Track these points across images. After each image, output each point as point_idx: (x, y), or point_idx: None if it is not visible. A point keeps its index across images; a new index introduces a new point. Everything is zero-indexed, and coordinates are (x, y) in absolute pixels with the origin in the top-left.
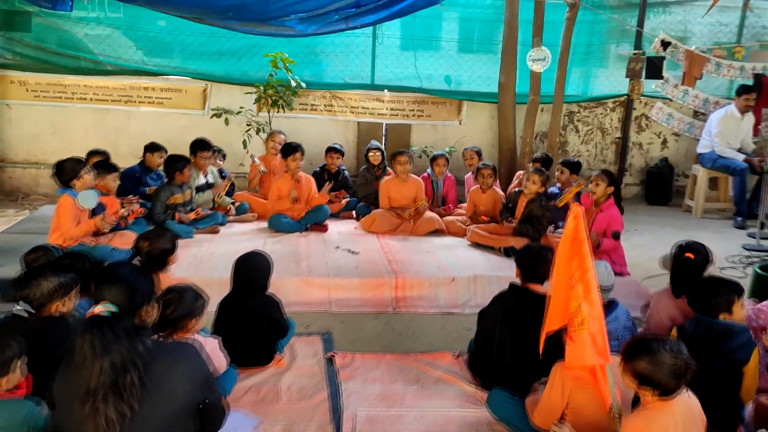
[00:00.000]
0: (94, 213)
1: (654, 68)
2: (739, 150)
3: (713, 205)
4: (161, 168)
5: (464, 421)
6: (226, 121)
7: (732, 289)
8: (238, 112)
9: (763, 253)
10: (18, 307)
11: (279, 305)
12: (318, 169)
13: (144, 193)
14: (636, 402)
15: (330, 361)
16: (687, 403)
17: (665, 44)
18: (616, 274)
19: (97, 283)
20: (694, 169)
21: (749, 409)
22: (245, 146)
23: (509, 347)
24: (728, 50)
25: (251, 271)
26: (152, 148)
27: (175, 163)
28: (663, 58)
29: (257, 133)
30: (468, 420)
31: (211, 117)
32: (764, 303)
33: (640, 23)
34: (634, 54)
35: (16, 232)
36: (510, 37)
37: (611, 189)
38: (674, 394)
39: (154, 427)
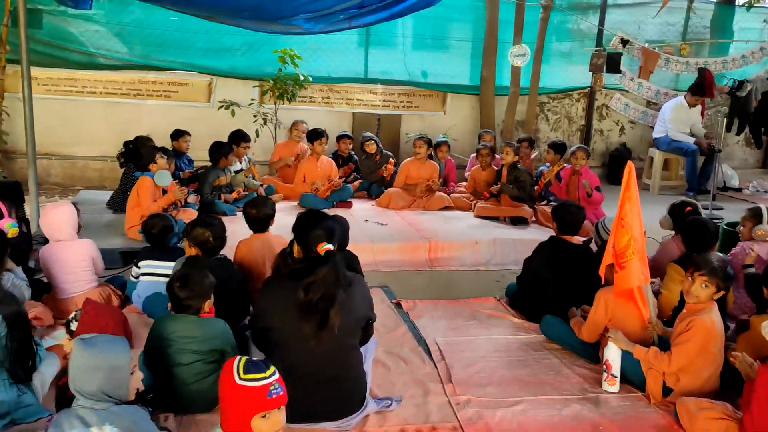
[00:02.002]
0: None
1: (613, 63)
2: (690, 134)
3: (667, 183)
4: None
5: (521, 342)
6: (233, 113)
7: (714, 228)
8: (250, 104)
9: (716, 221)
10: (136, 269)
11: (357, 259)
12: (331, 155)
13: (179, 177)
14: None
15: (398, 306)
16: None
17: (624, 42)
18: None
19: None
20: (650, 151)
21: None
22: (258, 135)
23: (552, 285)
24: (675, 47)
25: (343, 228)
26: (177, 134)
27: (221, 149)
28: (621, 54)
29: (264, 123)
30: (524, 341)
31: (218, 109)
32: (734, 249)
33: (602, 23)
34: (596, 50)
35: None
36: (491, 36)
37: (588, 160)
38: None
39: (346, 331)
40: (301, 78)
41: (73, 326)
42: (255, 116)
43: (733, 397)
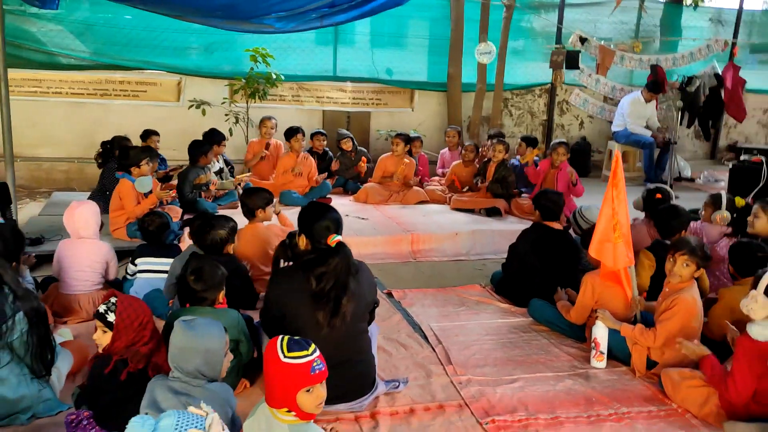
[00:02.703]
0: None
1: (572, 60)
2: (646, 127)
3: (626, 174)
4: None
5: (511, 326)
6: (203, 112)
7: (686, 214)
8: (223, 103)
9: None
10: (132, 266)
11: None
12: (305, 151)
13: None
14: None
15: (389, 295)
16: None
17: (582, 40)
18: None
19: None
20: (609, 144)
21: None
22: (231, 134)
23: (538, 270)
24: (629, 45)
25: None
26: (146, 135)
27: (201, 148)
28: (579, 51)
29: (236, 122)
30: (513, 324)
31: (189, 108)
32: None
33: (560, 21)
34: (556, 48)
35: (46, 214)
36: (456, 33)
37: (568, 155)
38: None
39: (357, 317)
40: (273, 77)
41: (111, 317)
42: (227, 115)
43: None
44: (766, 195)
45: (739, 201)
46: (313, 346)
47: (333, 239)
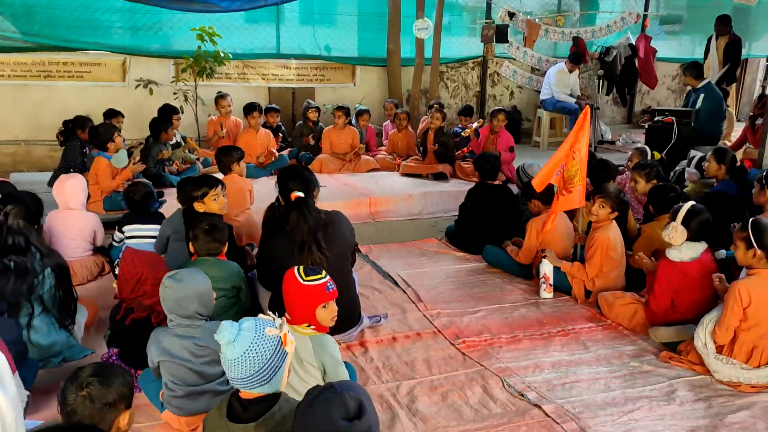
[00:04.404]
0: None
1: (502, 34)
2: (570, 95)
3: (554, 140)
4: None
5: (468, 270)
6: (151, 91)
7: (614, 167)
8: (172, 82)
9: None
10: (119, 234)
11: None
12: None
13: None
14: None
15: (357, 251)
16: None
17: (510, 15)
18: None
19: (297, 179)
20: (538, 112)
21: None
22: (182, 112)
23: (486, 221)
24: (552, 19)
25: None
26: (112, 114)
27: (161, 124)
28: (508, 26)
29: (186, 101)
30: (470, 269)
31: (136, 87)
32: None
33: None
34: (486, 23)
35: None
36: (395, 10)
37: (506, 122)
38: None
39: (336, 263)
40: (221, 55)
41: (117, 271)
42: (175, 94)
43: (635, 290)
44: (678, 150)
45: (657, 154)
46: (324, 271)
47: (294, 194)
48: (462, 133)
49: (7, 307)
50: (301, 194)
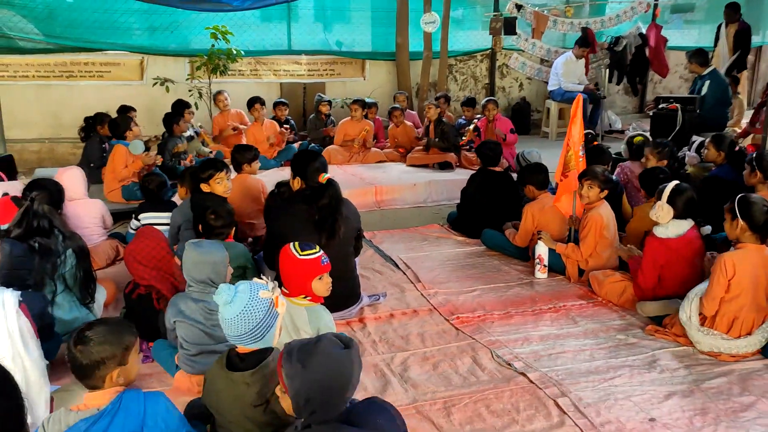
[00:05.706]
0: None
1: (510, 26)
2: (578, 84)
3: (562, 129)
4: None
5: (467, 253)
6: (167, 89)
7: (608, 152)
8: (187, 79)
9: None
10: (135, 222)
11: None
12: (270, 119)
13: None
14: None
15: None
16: None
17: (518, 6)
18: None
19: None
20: (547, 103)
21: None
22: (197, 108)
23: (486, 206)
24: (561, 10)
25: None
26: (125, 110)
27: (173, 118)
28: (516, 18)
29: (200, 97)
30: (469, 252)
31: (153, 86)
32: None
33: None
34: (495, 15)
35: None
36: (403, 5)
37: (498, 109)
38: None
39: (346, 240)
40: (234, 52)
41: None
42: (190, 91)
43: (625, 269)
44: (683, 137)
45: (638, 138)
46: (317, 246)
47: (324, 177)
48: (463, 139)
49: (33, 284)
50: (330, 175)
